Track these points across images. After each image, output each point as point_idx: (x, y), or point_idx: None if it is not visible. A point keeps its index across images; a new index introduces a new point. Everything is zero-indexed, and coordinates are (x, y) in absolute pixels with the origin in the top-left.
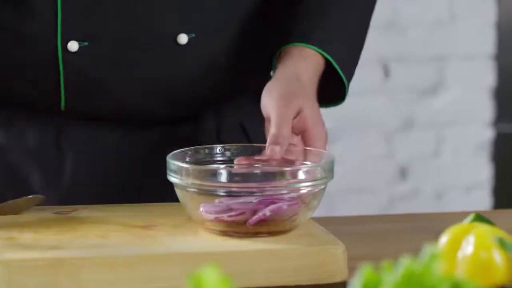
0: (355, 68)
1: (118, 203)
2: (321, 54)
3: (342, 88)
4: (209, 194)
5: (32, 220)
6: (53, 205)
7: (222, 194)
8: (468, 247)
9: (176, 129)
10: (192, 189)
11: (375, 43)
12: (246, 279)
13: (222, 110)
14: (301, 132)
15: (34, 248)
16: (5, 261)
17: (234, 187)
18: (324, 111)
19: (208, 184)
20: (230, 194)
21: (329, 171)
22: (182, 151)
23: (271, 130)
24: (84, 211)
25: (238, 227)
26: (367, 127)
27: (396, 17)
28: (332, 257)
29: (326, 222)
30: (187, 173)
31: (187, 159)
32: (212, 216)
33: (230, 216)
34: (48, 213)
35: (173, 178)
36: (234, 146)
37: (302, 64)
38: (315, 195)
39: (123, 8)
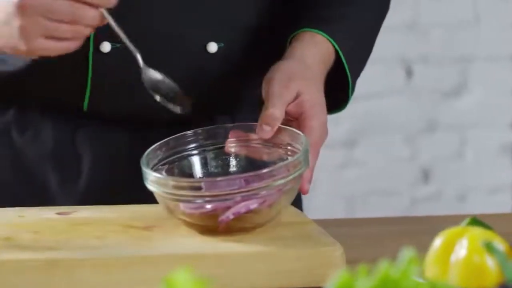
0: (361, 68)
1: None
2: (331, 43)
3: (347, 93)
4: (188, 202)
5: (32, 221)
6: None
7: (200, 202)
8: (461, 251)
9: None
10: (170, 197)
11: (398, 43)
12: (242, 281)
13: (238, 113)
14: (299, 116)
15: (30, 248)
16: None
17: (211, 195)
18: (347, 112)
19: (186, 194)
20: (208, 201)
21: (305, 160)
22: (154, 149)
23: (263, 111)
24: (85, 212)
25: (212, 223)
26: (390, 129)
27: (419, 17)
28: (330, 259)
29: (342, 223)
30: (164, 184)
31: (160, 156)
32: (187, 211)
33: (202, 213)
34: (49, 213)
35: (150, 187)
36: (205, 129)
37: (310, 48)
38: (293, 183)
39: (156, 13)
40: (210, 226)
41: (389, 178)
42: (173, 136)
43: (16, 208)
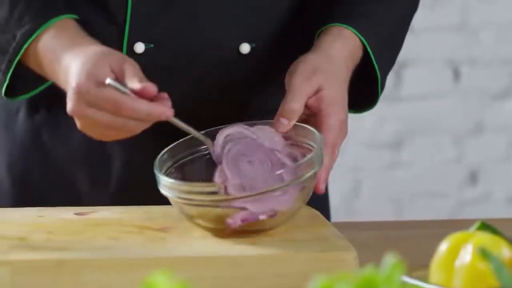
0: (390, 65)
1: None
2: (358, 38)
3: (375, 92)
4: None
5: (50, 221)
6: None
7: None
8: (466, 256)
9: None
10: (182, 201)
11: (445, 45)
12: (252, 284)
13: (268, 115)
14: (318, 112)
15: (41, 249)
16: (9, 262)
17: (222, 199)
18: (394, 113)
19: (198, 198)
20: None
21: (318, 160)
22: (167, 152)
23: (282, 104)
24: (103, 212)
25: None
26: (437, 130)
27: (467, 19)
28: (342, 263)
29: (389, 226)
30: (176, 189)
31: (174, 158)
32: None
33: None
34: (68, 213)
35: (163, 191)
36: (218, 128)
37: (338, 43)
38: (307, 183)
39: (189, 14)
40: (222, 229)
41: (436, 180)
42: (186, 138)
43: (36, 207)
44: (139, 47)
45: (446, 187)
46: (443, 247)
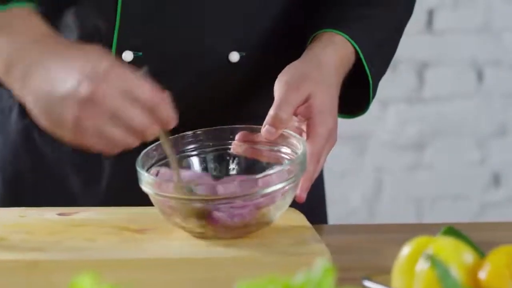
0: (383, 70)
1: None
2: (351, 44)
3: (367, 97)
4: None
5: (31, 221)
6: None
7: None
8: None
9: None
10: (162, 199)
11: (469, 46)
12: (228, 286)
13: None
14: (307, 120)
15: (16, 249)
16: None
17: (200, 199)
18: (417, 115)
19: (177, 196)
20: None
21: (301, 168)
22: (150, 150)
23: (270, 112)
24: (86, 213)
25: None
26: (460, 132)
27: (491, 20)
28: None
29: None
30: (157, 186)
31: (157, 157)
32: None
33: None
34: (51, 214)
35: (144, 188)
36: (204, 130)
37: (329, 49)
38: (286, 193)
39: (179, 22)
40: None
41: (459, 182)
42: (172, 137)
43: (20, 208)
44: (128, 56)
45: (468, 189)
46: (405, 251)
